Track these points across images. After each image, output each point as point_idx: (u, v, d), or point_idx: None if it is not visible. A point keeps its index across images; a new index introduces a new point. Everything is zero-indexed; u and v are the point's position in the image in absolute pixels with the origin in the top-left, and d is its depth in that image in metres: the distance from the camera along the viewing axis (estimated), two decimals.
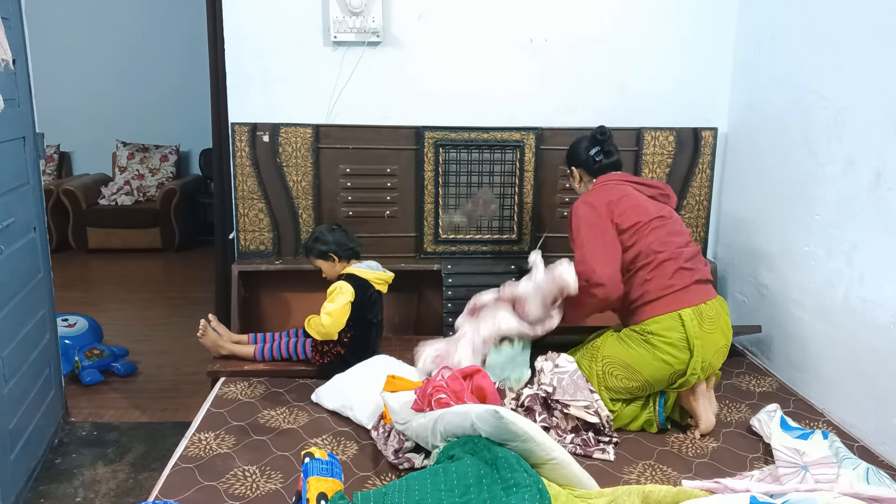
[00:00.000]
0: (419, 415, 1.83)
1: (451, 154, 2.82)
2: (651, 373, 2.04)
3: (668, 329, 2.04)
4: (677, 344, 2.02)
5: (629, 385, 2.07)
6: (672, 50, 2.87)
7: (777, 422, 2.02)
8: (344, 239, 2.46)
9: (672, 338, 2.03)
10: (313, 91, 2.76)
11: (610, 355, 2.10)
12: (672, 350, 2.03)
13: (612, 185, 2.25)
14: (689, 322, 2.03)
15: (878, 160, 2.09)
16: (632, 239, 2.13)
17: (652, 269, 2.10)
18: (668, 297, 2.07)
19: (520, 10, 2.78)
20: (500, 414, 1.63)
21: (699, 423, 2.09)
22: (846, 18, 2.24)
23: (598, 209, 2.16)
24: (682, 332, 2.03)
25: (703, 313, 2.06)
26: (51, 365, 2.75)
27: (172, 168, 6.16)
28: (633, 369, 2.06)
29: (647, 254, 2.11)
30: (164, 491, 1.75)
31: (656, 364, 2.04)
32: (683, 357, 2.02)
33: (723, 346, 2.12)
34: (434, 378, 1.91)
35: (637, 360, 2.06)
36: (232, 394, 2.31)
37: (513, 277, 2.80)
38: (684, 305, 2.05)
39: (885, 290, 2.07)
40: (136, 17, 6.02)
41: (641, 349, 2.06)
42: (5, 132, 2.36)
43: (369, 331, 2.44)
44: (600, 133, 2.31)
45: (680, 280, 2.08)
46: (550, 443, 1.68)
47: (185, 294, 4.70)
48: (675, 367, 2.03)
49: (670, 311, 2.05)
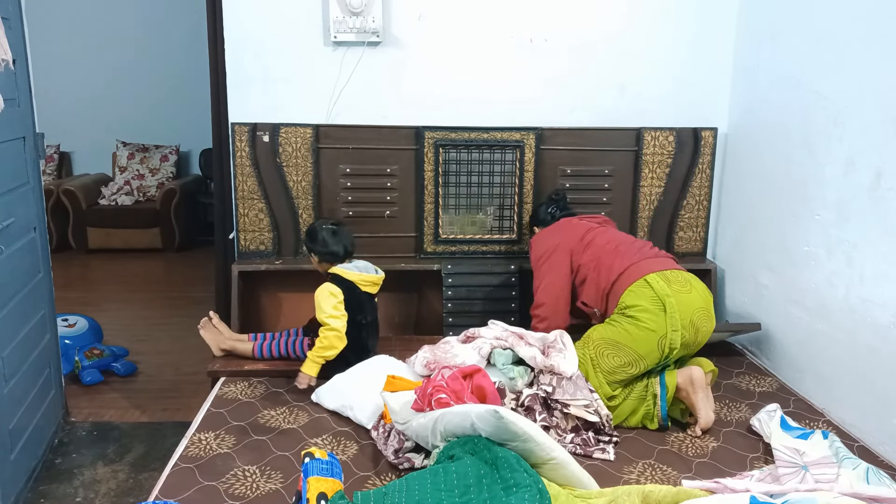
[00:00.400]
0: (419, 415, 1.83)
1: (451, 154, 2.82)
2: (638, 344, 2.11)
3: (640, 297, 2.17)
4: (651, 308, 2.13)
5: (621, 362, 2.12)
6: (672, 50, 2.87)
7: (777, 421, 2.02)
8: (330, 241, 2.40)
9: (645, 304, 2.15)
10: (313, 91, 2.77)
11: (598, 338, 2.20)
12: (650, 316, 2.12)
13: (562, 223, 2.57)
14: (656, 283, 2.16)
15: (878, 160, 2.09)
16: (584, 243, 2.40)
17: (610, 254, 2.32)
18: (630, 269, 2.24)
19: (520, 11, 2.78)
20: (500, 414, 1.63)
21: (699, 418, 2.09)
22: (846, 18, 2.24)
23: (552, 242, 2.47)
24: (653, 293, 2.14)
25: (670, 277, 2.21)
26: (51, 365, 2.75)
27: (172, 168, 6.15)
28: (621, 345, 2.13)
29: (604, 245, 2.36)
30: (165, 491, 1.75)
31: (641, 334, 2.12)
32: (662, 320, 2.10)
33: (701, 307, 2.18)
34: (434, 378, 1.91)
35: (623, 336, 2.14)
36: (232, 394, 2.31)
37: (512, 278, 2.81)
38: (648, 272, 2.21)
39: (885, 290, 2.07)
40: (136, 17, 6.02)
41: (625, 325, 2.16)
42: (5, 132, 2.36)
43: (359, 332, 2.40)
44: (555, 194, 2.71)
45: (638, 256, 2.28)
46: (550, 443, 1.68)
47: (185, 294, 4.70)
48: (658, 333, 2.10)
49: (636, 279, 2.20)
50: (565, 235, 2.47)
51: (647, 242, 2.42)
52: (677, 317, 2.11)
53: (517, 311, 2.79)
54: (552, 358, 2.14)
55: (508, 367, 2.17)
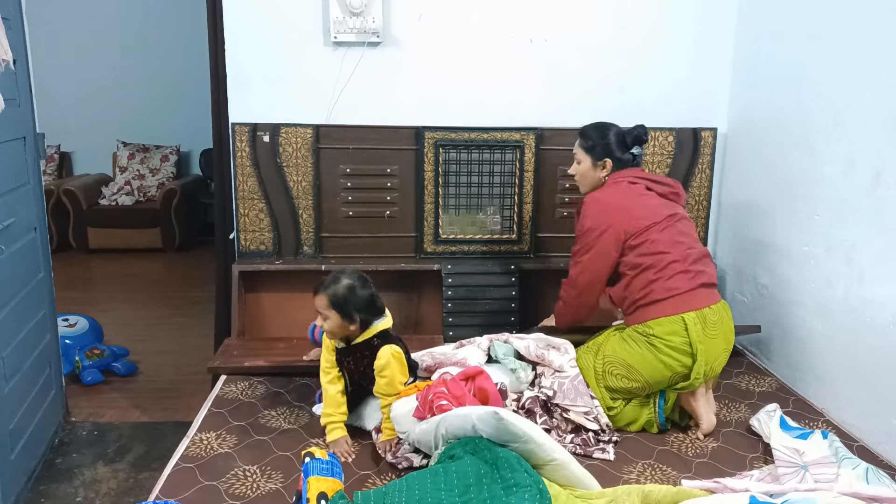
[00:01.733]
0: (421, 422, 1.83)
1: (451, 154, 2.83)
2: (651, 374, 2.04)
3: (671, 333, 2.03)
4: (680, 348, 2.02)
5: (628, 385, 2.07)
6: (672, 50, 2.87)
7: (776, 422, 2.02)
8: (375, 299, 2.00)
9: (674, 342, 2.02)
10: (313, 91, 2.77)
11: (611, 354, 2.09)
12: (674, 353, 2.02)
13: (624, 185, 2.21)
14: (693, 327, 2.01)
15: (878, 160, 2.09)
16: (640, 238, 2.12)
17: (658, 270, 2.08)
18: (672, 300, 2.05)
19: (520, 11, 2.78)
20: (500, 415, 1.64)
21: (700, 423, 2.09)
22: (846, 18, 2.24)
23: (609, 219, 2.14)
24: (685, 337, 2.02)
25: (707, 318, 2.05)
26: (51, 365, 2.75)
27: (173, 168, 6.16)
28: (634, 369, 2.05)
29: (655, 254, 2.10)
30: (165, 491, 1.75)
31: (657, 366, 2.03)
32: (686, 361, 2.02)
33: (724, 349, 2.11)
34: (435, 384, 1.91)
35: (638, 361, 2.05)
36: (232, 394, 2.31)
37: (512, 278, 2.81)
38: (688, 309, 2.04)
39: (885, 290, 2.07)
40: (136, 17, 6.03)
41: (643, 350, 2.05)
42: (5, 132, 2.37)
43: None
44: (645, 134, 2.27)
45: (685, 283, 2.07)
46: (551, 444, 1.69)
47: (186, 294, 4.70)
48: (675, 370, 2.03)
49: (674, 313, 2.03)
50: (623, 219, 2.13)
51: (703, 255, 2.18)
52: (702, 363, 2.01)
53: (517, 311, 2.79)
54: (550, 354, 2.14)
55: (510, 359, 2.16)
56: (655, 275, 2.09)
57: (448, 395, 1.85)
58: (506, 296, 2.79)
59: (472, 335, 2.69)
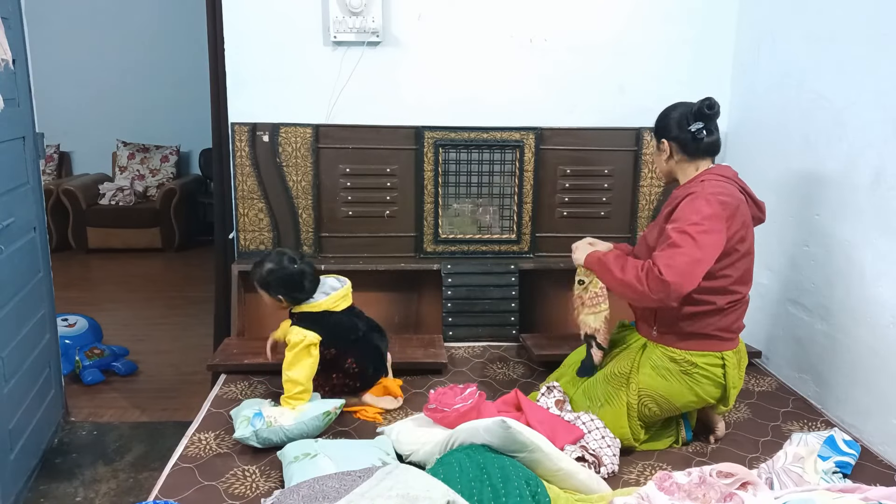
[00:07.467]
0: (426, 442, 1.83)
1: (451, 154, 2.82)
2: (684, 403, 1.98)
3: (711, 365, 1.95)
4: (715, 381, 1.96)
5: (661, 414, 2.02)
6: (672, 50, 2.87)
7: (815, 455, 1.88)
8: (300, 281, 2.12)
9: (712, 374, 1.95)
10: (313, 91, 2.76)
11: (646, 388, 1.97)
12: (709, 385, 1.96)
13: (732, 188, 1.92)
14: (731, 368, 1.95)
15: (878, 160, 2.09)
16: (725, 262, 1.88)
17: (728, 304, 1.93)
18: (723, 340, 1.96)
19: (520, 11, 2.78)
20: (507, 424, 1.63)
21: (715, 430, 2.08)
22: (846, 18, 2.24)
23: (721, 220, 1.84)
24: (720, 377, 1.95)
25: (741, 351, 2.02)
26: (51, 365, 2.75)
27: (173, 168, 6.16)
28: (666, 398, 1.97)
29: (730, 289, 1.92)
30: (164, 490, 1.75)
31: (690, 396, 1.96)
32: (716, 393, 1.97)
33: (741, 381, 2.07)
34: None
35: (673, 392, 1.96)
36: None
37: (512, 278, 2.81)
38: (730, 348, 1.97)
39: (885, 290, 2.07)
40: (136, 17, 6.03)
41: (680, 381, 1.96)
42: (5, 132, 2.37)
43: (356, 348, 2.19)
44: (708, 107, 1.92)
45: (740, 324, 2.00)
46: (557, 453, 1.69)
47: (185, 294, 4.70)
48: (705, 400, 1.98)
49: (715, 350, 1.95)
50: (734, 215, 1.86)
51: None
52: (730, 402, 1.99)
53: (517, 311, 2.79)
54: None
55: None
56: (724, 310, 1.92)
57: (436, 398, 1.95)
58: (505, 296, 2.79)
59: (472, 335, 2.70)
